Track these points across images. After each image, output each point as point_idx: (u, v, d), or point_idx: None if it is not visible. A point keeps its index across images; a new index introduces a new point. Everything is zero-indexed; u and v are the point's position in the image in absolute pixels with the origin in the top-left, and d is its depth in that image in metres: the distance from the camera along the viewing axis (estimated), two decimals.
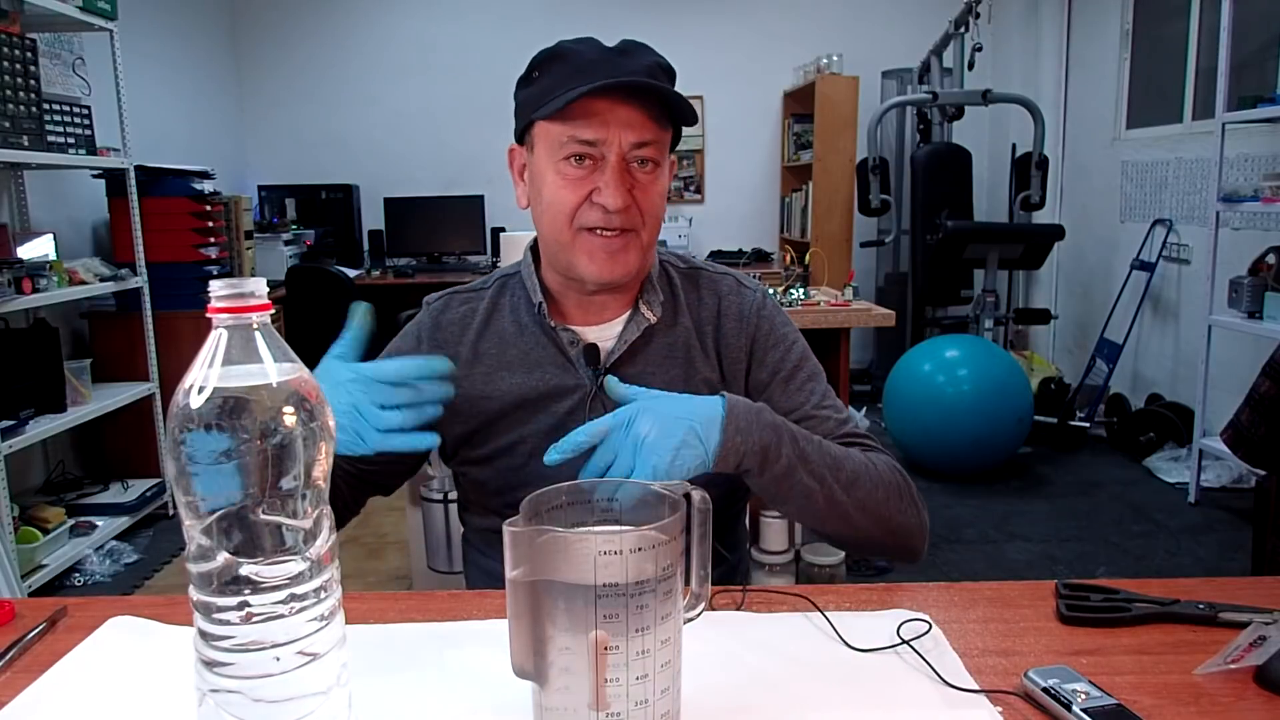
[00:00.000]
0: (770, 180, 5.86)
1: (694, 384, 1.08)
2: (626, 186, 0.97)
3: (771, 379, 1.10)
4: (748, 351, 1.10)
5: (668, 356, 1.08)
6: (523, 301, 1.11)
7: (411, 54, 5.59)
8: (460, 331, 1.11)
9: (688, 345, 1.09)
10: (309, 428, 0.57)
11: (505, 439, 1.07)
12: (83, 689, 0.75)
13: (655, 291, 1.09)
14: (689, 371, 1.08)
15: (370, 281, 4.92)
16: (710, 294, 1.12)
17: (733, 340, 1.10)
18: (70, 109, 3.17)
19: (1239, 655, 0.74)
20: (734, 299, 1.12)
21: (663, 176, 1.01)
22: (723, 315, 1.11)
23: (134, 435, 3.63)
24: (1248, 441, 1.79)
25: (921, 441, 3.88)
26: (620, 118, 0.95)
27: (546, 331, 1.07)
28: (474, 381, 1.08)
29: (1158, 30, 4.47)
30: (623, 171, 0.97)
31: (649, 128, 0.97)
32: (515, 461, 1.07)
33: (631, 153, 0.97)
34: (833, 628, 0.84)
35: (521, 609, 0.62)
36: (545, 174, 1.00)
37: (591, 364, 1.06)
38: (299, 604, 0.58)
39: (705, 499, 0.70)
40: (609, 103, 0.95)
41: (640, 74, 0.96)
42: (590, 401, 1.06)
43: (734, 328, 1.10)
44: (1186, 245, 4.10)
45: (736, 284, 1.14)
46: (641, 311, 1.07)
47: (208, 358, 0.56)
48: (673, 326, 1.09)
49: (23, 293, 2.83)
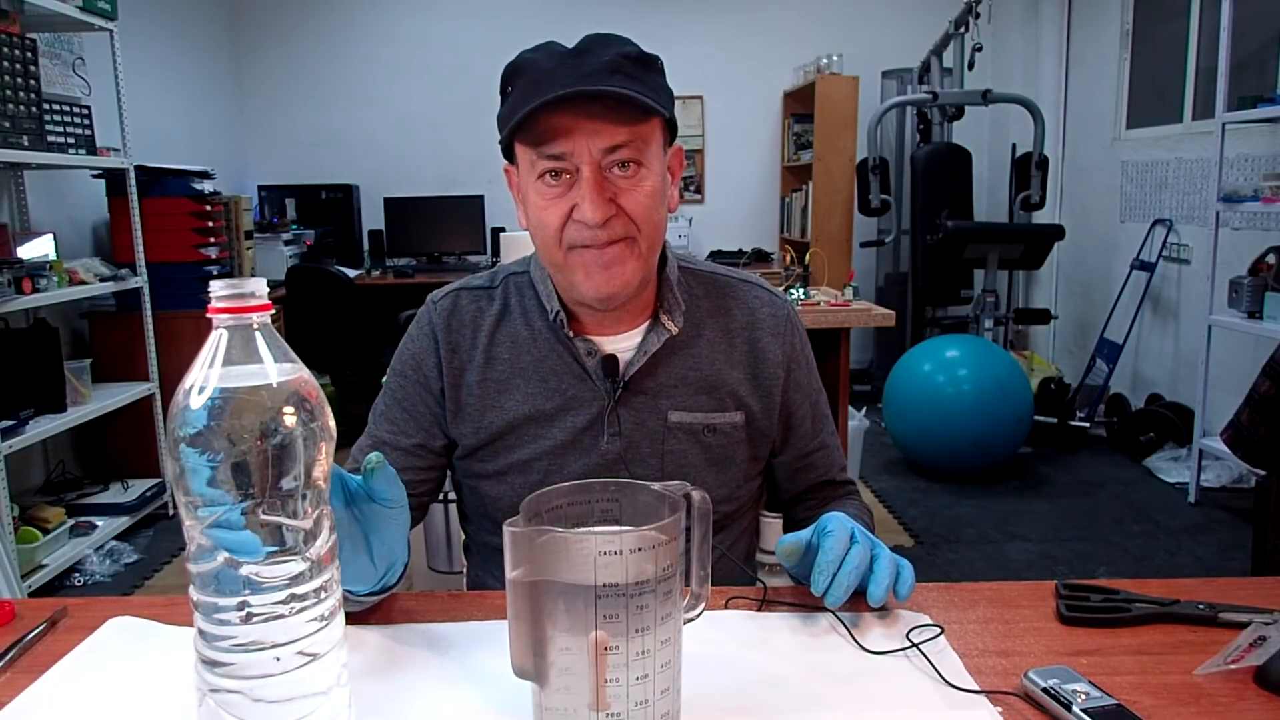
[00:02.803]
0: (770, 180, 5.86)
1: (719, 396, 1.05)
2: (606, 196, 0.91)
3: (805, 404, 1.12)
4: (785, 369, 1.09)
5: (691, 369, 1.04)
6: (535, 306, 1.05)
7: (411, 54, 5.59)
8: (473, 332, 1.06)
9: (712, 357, 1.05)
10: (309, 428, 0.57)
11: (519, 454, 1.03)
12: (83, 689, 0.75)
13: (677, 301, 1.04)
14: (713, 383, 1.05)
15: (370, 281, 4.92)
16: (739, 305, 1.08)
17: (770, 355, 1.07)
18: (70, 109, 3.17)
19: (1239, 655, 0.74)
20: (768, 310, 1.09)
21: (649, 176, 0.94)
22: (757, 327, 1.07)
23: (134, 435, 3.63)
24: (1248, 441, 1.79)
25: (921, 441, 3.88)
26: (585, 127, 0.89)
27: (562, 340, 1.03)
28: (487, 389, 1.04)
29: (1158, 30, 4.47)
30: (599, 182, 0.91)
31: (619, 129, 0.90)
32: (531, 478, 1.03)
33: (606, 159, 0.91)
34: (848, 631, 0.83)
35: (521, 609, 0.62)
36: (529, 195, 0.95)
37: (610, 376, 1.02)
38: (299, 604, 0.58)
39: (705, 499, 0.70)
40: (571, 112, 0.89)
41: (602, 71, 0.89)
42: (608, 416, 1.02)
43: (770, 342, 1.08)
44: (1186, 245, 4.10)
45: (768, 295, 1.11)
46: (662, 322, 1.03)
47: (208, 358, 0.56)
48: (696, 338, 1.05)
49: (23, 293, 2.83)
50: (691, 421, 1.04)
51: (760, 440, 1.10)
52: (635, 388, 1.03)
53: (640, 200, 0.93)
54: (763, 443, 1.10)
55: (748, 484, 1.11)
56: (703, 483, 1.05)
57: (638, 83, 0.91)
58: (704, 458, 1.05)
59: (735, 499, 1.09)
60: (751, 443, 1.09)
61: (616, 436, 1.03)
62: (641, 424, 1.03)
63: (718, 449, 1.06)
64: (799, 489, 1.17)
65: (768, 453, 1.12)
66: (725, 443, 1.06)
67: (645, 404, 1.03)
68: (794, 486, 1.17)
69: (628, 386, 1.03)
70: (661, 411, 1.04)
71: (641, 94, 0.90)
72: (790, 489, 1.17)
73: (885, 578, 0.83)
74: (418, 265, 5.28)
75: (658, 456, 1.04)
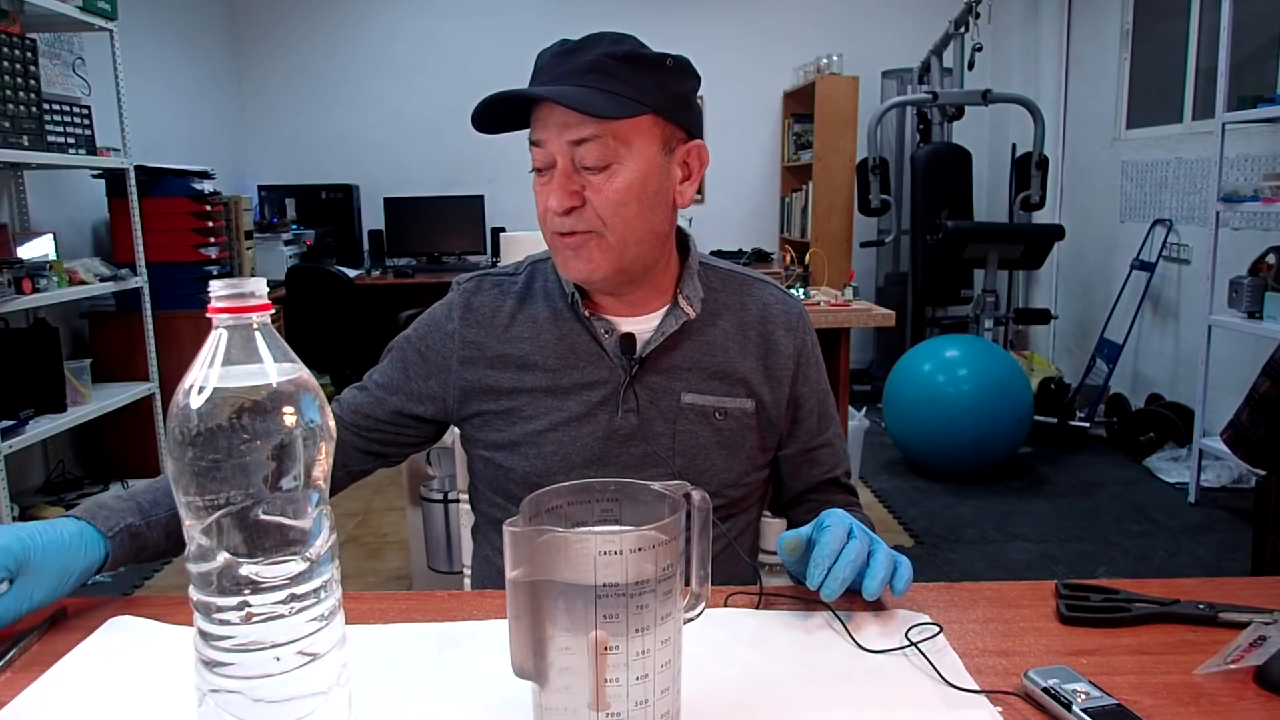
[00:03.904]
0: (770, 180, 5.86)
1: (731, 382, 1.09)
2: (572, 189, 0.97)
3: (812, 398, 1.15)
4: (795, 361, 1.13)
5: (705, 354, 1.09)
6: (556, 288, 1.11)
7: (412, 54, 5.59)
8: (491, 314, 1.11)
9: (726, 345, 1.10)
10: (309, 428, 0.57)
11: (534, 425, 1.07)
12: (83, 689, 0.75)
13: (695, 288, 1.09)
14: (726, 370, 1.09)
15: (370, 281, 4.92)
16: (754, 299, 1.14)
17: (782, 348, 1.12)
18: (70, 109, 3.17)
19: (1239, 655, 0.74)
20: (781, 307, 1.14)
21: (622, 172, 0.97)
22: (770, 321, 1.12)
23: (134, 435, 3.63)
24: (1248, 441, 1.79)
25: (921, 441, 3.88)
26: (557, 118, 0.96)
27: (580, 319, 1.07)
28: (506, 362, 1.08)
29: (1158, 30, 4.47)
30: (568, 174, 0.97)
31: (585, 124, 0.95)
32: (545, 448, 1.06)
33: (576, 152, 0.96)
34: (845, 629, 0.83)
35: (521, 609, 0.62)
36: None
37: (627, 353, 1.06)
38: (299, 604, 0.58)
39: (705, 499, 0.70)
40: (547, 106, 0.96)
41: (578, 70, 0.95)
42: (624, 392, 1.06)
43: (783, 336, 1.12)
44: (1186, 245, 4.10)
45: (782, 294, 1.17)
46: (681, 305, 1.08)
47: (208, 358, 0.56)
48: (711, 325, 1.10)
49: (23, 293, 2.83)
50: (704, 404, 1.08)
51: (769, 430, 1.13)
52: (651, 367, 1.07)
53: (607, 196, 0.97)
54: (771, 433, 1.13)
55: (756, 473, 1.13)
56: (713, 464, 1.07)
57: (617, 81, 0.95)
58: (715, 440, 1.08)
59: (744, 484, 1.12)
60: (761, 431, 1.12)
61: (631, 412, 1.06)
62: (655, 402, 1.07)
63: (728, 432, 1.09)
64: (802, 487, 1.19)
65: (775, 445, 1.15)
66: (736, 427, 1.09)
67: (660, 383, 1.07)
68: (797, 484, 1.19)
69: (644, 365, 1.07)
70: (675, 392, 1.07)
71: (613, 93, 0.94)
72: (794, 486, 1.19)
73: (881, 571, 0.84)
74: (418, 265, 5.29)
75: (670, 435, 1.07)
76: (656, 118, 0.98)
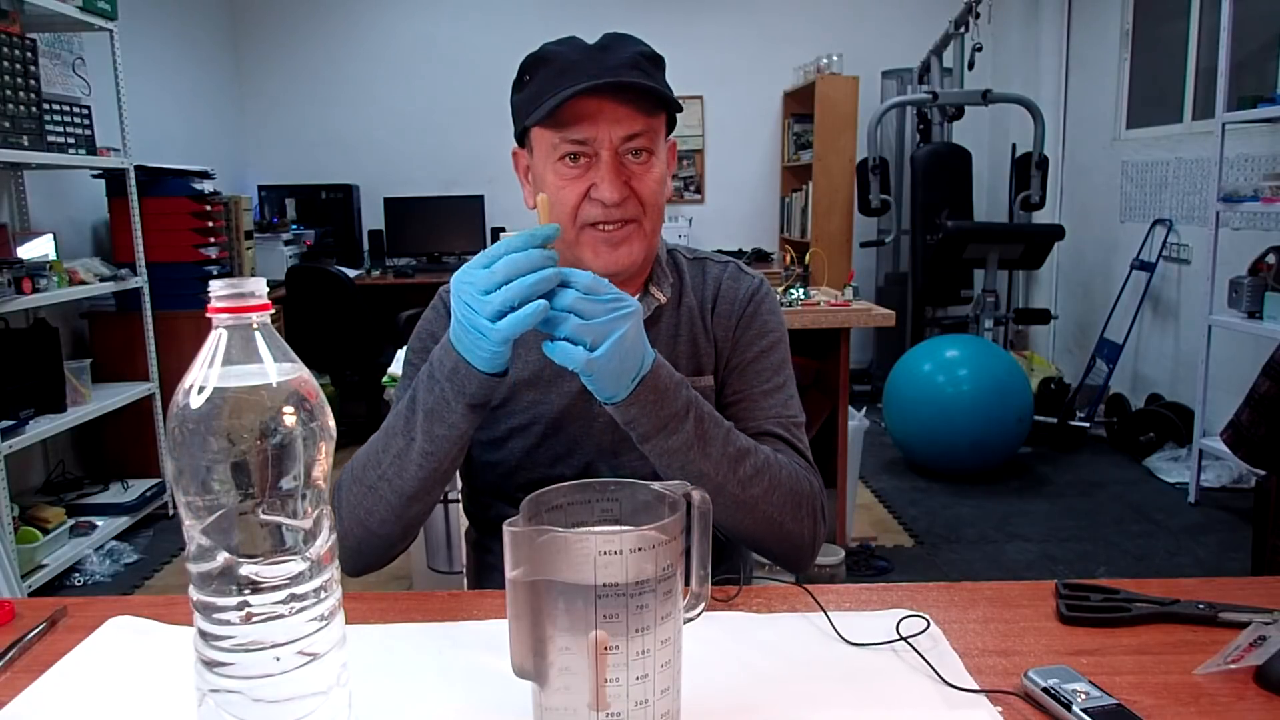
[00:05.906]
0: (770, 180, 5.86)
1: (698, 361, 1.12)
2: (623, 179, 0.99)
3: (741, 361, 1.12)
4: (733, 331, 1.13)
5: (675, 336, 1.12)
6: None
7: (412, 54, 5.59)
8: None
9: (692, 325, 1.13)
10: (309, 428, 0.57)
11: (519, 418, 1.09)
12: (83, 689, 0.75)
13: (665, 274, 1.13)
14: (694, 349, 1.12)
15: (370, 281, 4.92)
16: (712, 278, 1.16)
17: (724, 320, 1.13)
18: (70, 109, 3.17)
19: (1239, 655, 0.74)
20: (731, 283, 1.15)
21: (657, 163, 1.02)
22: (720, 298, 1.14)
23: (134, 435, 3.63)
24: (1248, 441, 1.79)
25: (921, 441, 3.88)
26: (608, 115, 0.97)
27: None
28: None
29: (1158, 30, 4.47)
30: (617, 165, 0.99)
31: (637, 119, 0.98)
32: (529, 441, 1.09)
33: (623, 145, 0.99)
34: (830, 624, 0.84)
35: (521, 609, 0.62)
36: (545, 175, 1.02)
37: None
38: (299, 604, 0.58)
39: (705, 499, 0.70)
40: (596, 101, 0.97)
41: (624, 67, 0.97)
42: None
43: (726, 309, 1.14)
44: (1186, 245, 4.10)
45: (737, 270, 1.18)
46: (652, 293, 1.11)
47: (208, 358, 0.56)
48: (679, 307, 1.13)
49: (23, 293, 2.83)
50: None
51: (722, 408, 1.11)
52: None
53: (650, 185, 1.01)
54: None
55: None
56: None
57: (652, 79, 1.00)
58: None
59: None
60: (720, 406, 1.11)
61: None
62: None
63: None
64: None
65: None
66: None
67: None
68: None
69: None
70: None
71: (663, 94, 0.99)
72: None
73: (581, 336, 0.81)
74: (418, 265, 5.28)
75: None
76: (665, 114, 1.04)
